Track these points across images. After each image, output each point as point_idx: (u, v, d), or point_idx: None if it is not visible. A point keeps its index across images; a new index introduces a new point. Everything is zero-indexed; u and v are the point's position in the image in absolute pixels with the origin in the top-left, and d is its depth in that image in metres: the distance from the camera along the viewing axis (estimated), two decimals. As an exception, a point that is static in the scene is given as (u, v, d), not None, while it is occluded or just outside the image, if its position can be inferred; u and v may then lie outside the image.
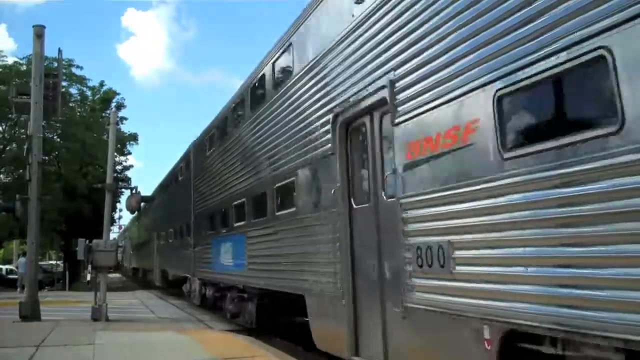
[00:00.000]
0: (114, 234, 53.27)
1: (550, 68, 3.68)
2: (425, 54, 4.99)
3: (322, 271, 6.88)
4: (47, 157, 25.37)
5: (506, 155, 4.02)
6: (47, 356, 8.14)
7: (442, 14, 4.79)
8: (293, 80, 8.35)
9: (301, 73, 8.02)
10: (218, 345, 9.05)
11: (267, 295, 9.73)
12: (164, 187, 24.39)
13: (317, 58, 7.43)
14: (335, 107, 6.77)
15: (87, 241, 13.31)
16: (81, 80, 35.26)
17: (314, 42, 7.68)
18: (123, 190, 33.16)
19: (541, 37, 3.75)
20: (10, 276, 32.84)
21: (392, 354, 5.54)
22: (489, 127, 4.16)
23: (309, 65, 7.70)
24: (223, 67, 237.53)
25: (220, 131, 13.45)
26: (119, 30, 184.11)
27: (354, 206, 6.48)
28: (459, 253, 4.48)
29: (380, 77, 5.69)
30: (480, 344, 4.19)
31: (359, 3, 6.27)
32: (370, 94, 5.91)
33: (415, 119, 5.11)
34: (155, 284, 25.94)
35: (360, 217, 6.33)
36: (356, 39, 6.32)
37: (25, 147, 14.78)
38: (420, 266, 4.93)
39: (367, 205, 6.19)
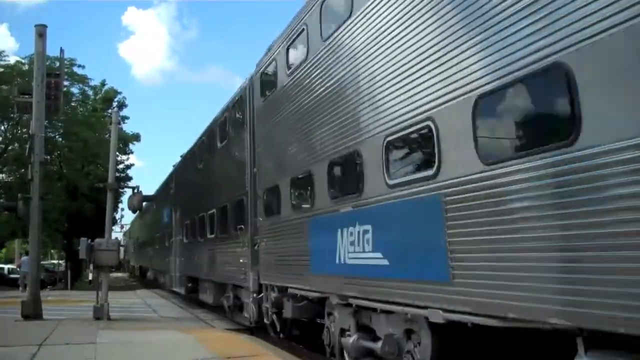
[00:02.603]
0: (116, 232, 53.32)
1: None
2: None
3: None
4: (49, 157, 25.32)
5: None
6: (49, 355, 8.16)
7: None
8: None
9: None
10: (220, 345, 9.07)
11: None
12: None
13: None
14: None
15: (89, 240, 13.32)
16: (83, 80, 35.23)
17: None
18: (125, 189, 33.33)
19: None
20: (13, 275, 32.87)
21: None
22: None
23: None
24: (224, 66, 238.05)
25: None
26: (119, 29, 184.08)
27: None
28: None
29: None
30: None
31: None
32: None
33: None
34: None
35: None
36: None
37: (27, 146, 14.80)
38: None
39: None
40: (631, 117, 3.28)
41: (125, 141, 37.74)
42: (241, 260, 11.10)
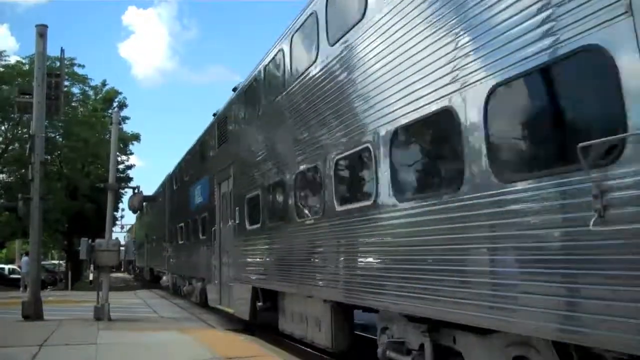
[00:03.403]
0: (117, 233, 53.11)
1: None
2: None
3: None
4: (49, 157, 25.36)
5: None
6: (50, 355, 8.15)
7: None
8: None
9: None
10: (221, 345, 9.06)
11: None
12: None
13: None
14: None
15: (90, 241, 13.33)
16: (83, 80, 35.33)
17: None
18: (125, 189, 33.31)
19: None
20: (13, 276, 32.90)
21: None
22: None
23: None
24: (225, 66, 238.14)
25: None
26: (119, 29, 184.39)
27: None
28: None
29: None
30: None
31: None
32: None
33: None
34: None
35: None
36: None
37: (27, 146, 14.81)
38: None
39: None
40: None
41: (125, 141, 37.77)
42: None
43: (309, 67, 7.84)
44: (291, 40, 8.68)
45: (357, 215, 6.35)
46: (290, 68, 8.74)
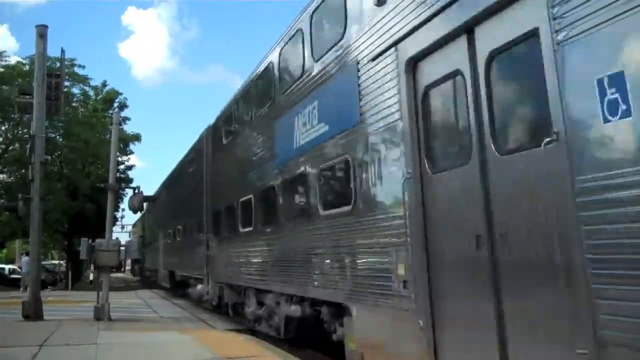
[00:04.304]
0: (121, 233, 53.18)
1: None
2: None
3: None
4: (49, 157, 25.39)
5: None
6: (50, 355, 8.15)
7: None
8: None
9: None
10: (221, 345, 9.06)
11: None
12: None
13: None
14: None
15: (90, 241, 13.34)
16: (84, 80, 35.35)
17: None
18: (125, 190, 33.33)
19: None
20: (13, 276, 32.93)
21: None
22: None
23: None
24: (225, 66, 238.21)
25: None
26: (119, 29, 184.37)
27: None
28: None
29: None
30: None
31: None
32: None
33: None
34: None
35: None
36: None
37: (27, 147, 14.83)
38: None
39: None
40: None
41: (126, 141, 37.79)
42: None
43: None
44: None
45: None
46: None
